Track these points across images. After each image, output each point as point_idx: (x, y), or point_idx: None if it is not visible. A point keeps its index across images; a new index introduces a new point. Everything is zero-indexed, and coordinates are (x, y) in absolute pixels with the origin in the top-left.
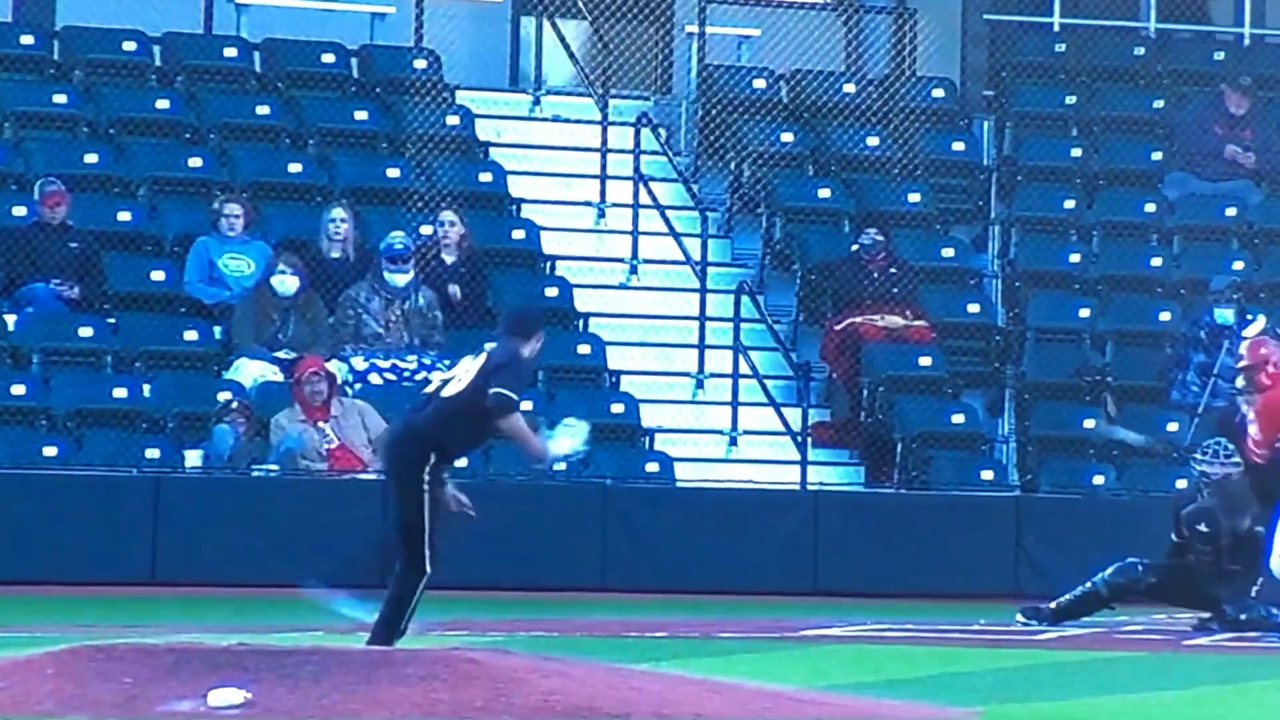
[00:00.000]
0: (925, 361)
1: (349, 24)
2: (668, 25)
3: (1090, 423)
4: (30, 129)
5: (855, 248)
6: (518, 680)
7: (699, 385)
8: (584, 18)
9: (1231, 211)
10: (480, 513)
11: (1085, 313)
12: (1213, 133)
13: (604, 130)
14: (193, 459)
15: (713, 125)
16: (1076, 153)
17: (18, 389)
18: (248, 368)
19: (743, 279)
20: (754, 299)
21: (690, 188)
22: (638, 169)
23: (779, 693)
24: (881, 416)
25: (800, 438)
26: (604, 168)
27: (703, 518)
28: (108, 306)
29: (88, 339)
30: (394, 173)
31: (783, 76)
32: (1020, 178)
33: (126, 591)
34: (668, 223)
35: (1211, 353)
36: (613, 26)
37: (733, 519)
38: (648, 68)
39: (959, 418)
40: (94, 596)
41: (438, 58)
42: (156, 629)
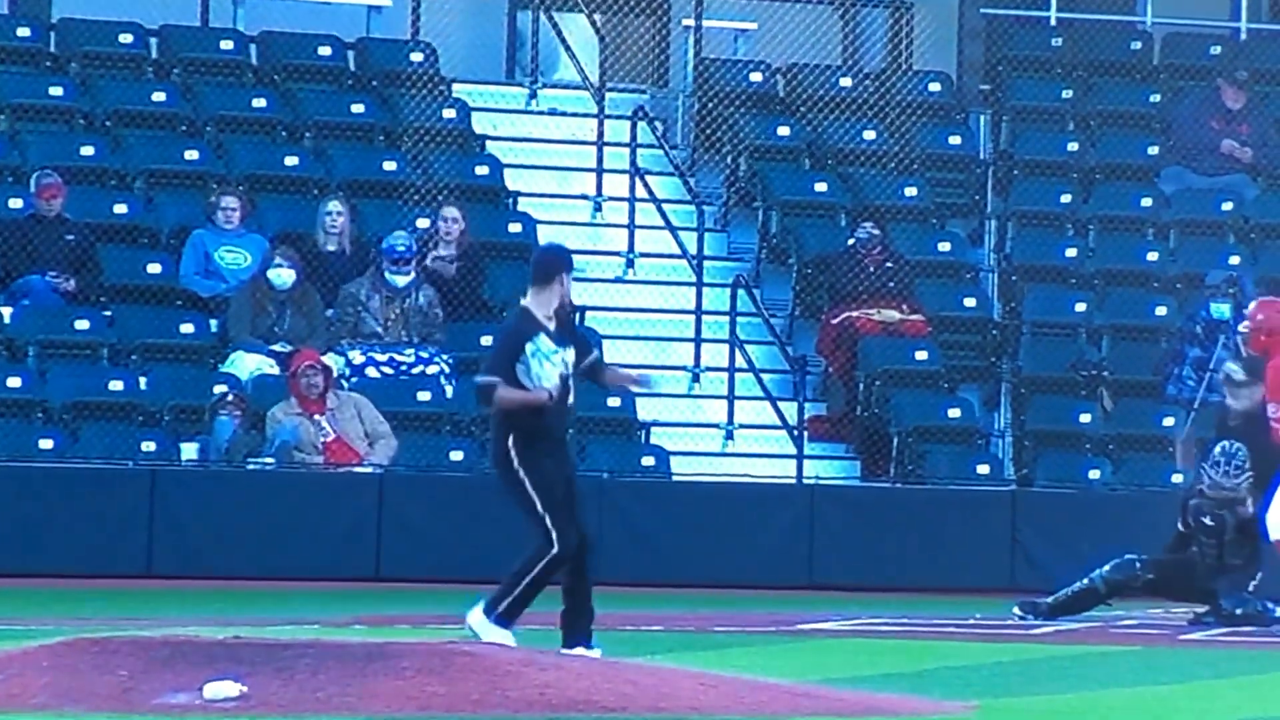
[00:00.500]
0: (921, 356)
1: (345, 17)
2: (664, 19)
3: (1086, 417)
4: (26, 121)
5: (851, 241)
6: (513, 673)
7: (695, 379)
8: (581, 11)
9: (1228, 206)
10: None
11: (1081, 307)
12: (1209, 127)
13: (600, 123)
14: (189, 452)
15: (709, 119)
16: (1073, 147)
17: (13, 381)
18: (244, 360)
19: (739, 273)
20: (750, 293)
21: (687, 181)
22: (634, 162)
23: (775, 686)
24: (877, 410)
25: (796, 432)
26: (600, 161)
27: (699, 512)
28: (104, 299)
29: (84, 331)
30: (390, 166)
31: (779, 70)
32: (1016, 172)
33: (122, 584)
34: (664, 216)
35: (1207, 347)
36: (609, 20)
37: (729, 513)
38: (644, 61)
39: (955, 412)
40: (90, 589)
41: (434, 50)
42: (152, 622)
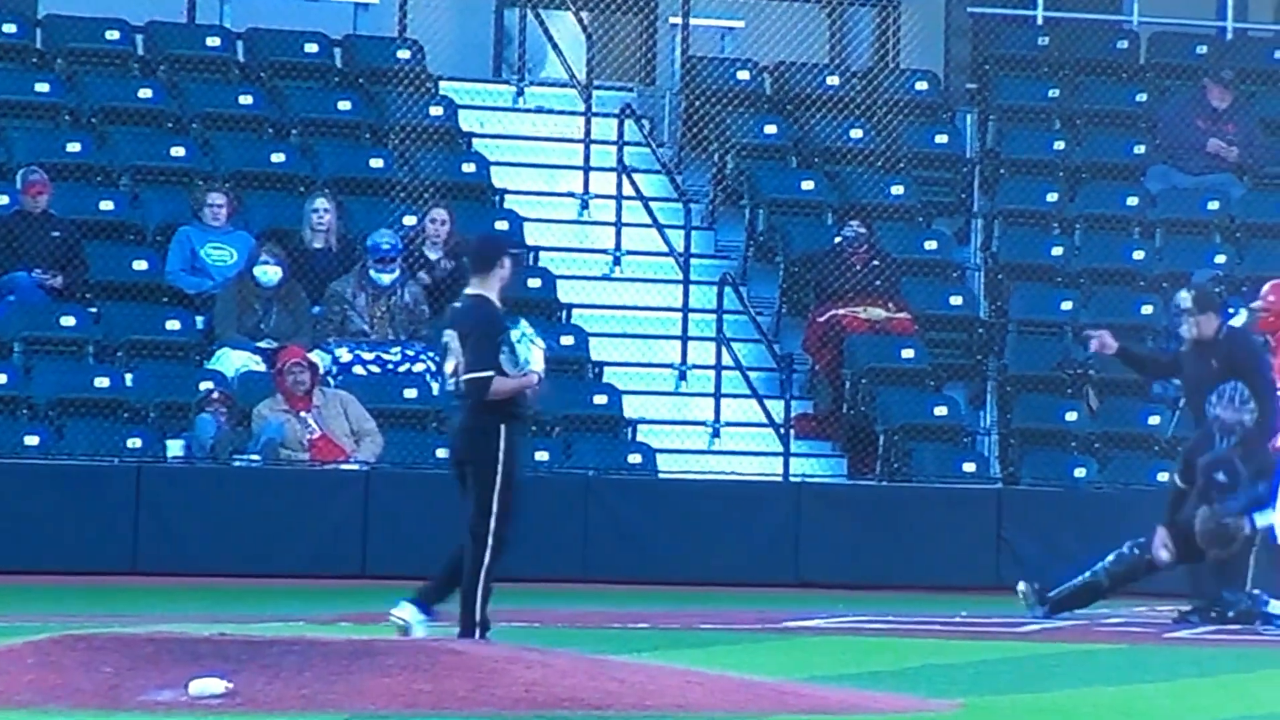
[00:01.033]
0: (908, 354)
1: (332, 14)
2: (651, 16)
3: (1072, 416)
4: (12, 118)
5: (838, 240)
6: (499, 671)
7: (681, 377)
8: (568, 8)
9: (1214, 205)
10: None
11: (1067, 305)
12: (1195, 126)
13: (587, 121)
14: (175, 449)
15: (696, 117)
16: (1059, 146)
17: None
18: (230, 357)
19: (726, 271)
20: (737, 291)
21: (674, 179)
22: (621, 160)
23: (761, 684)
24: (864, 408)
25: (783, 429)
26: (587, 159)
27: (685, 509)
28: (90, 296)
29: (70, 328)
30: (377, 163)
31: (766, 68)
32: (1003, 171)
33: (108, 581)
34: (651, 214)
35: None
36: (596, 17)
37: (715, 510)
38: (631, 59)
39: (941, 410)
40: (75, 586)
41: (421, 48)
42: (137, 619)
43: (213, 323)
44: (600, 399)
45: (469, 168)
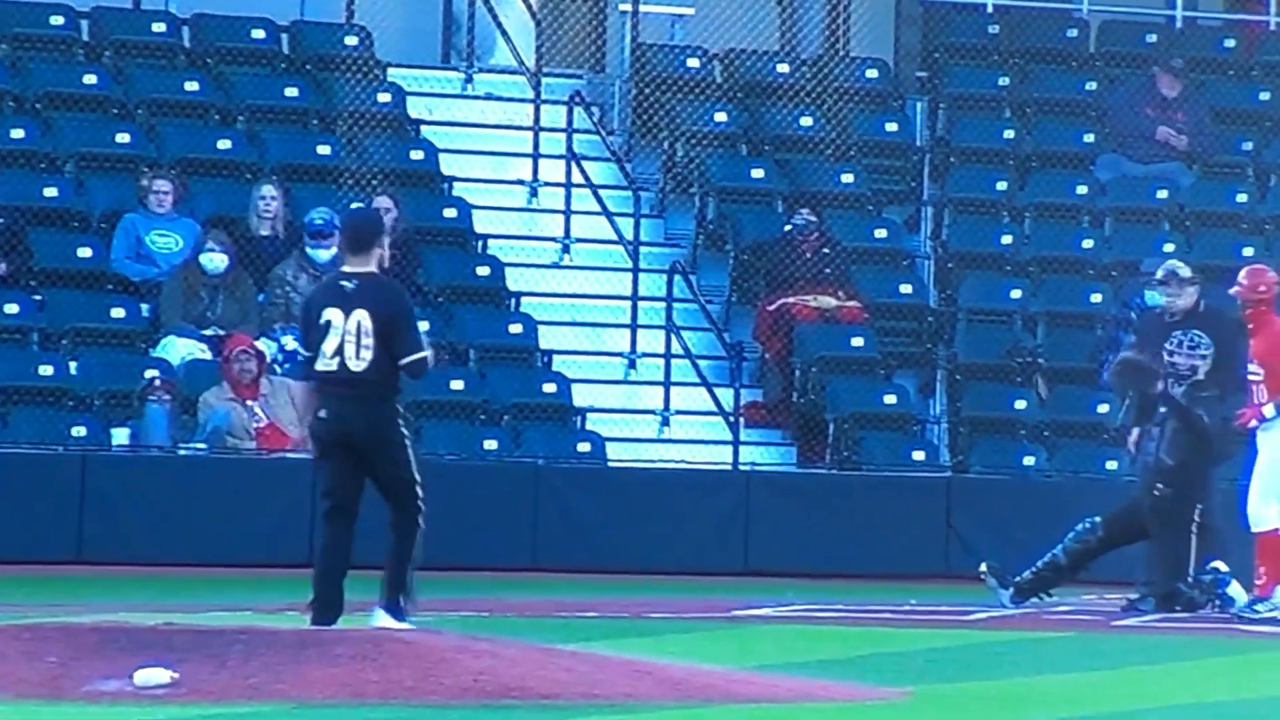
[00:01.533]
0: (857, 342)
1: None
2: (601, 3)
3: (1021, 404)
4: None
5: (788, 228)
6: (448, 660)
7: (631, 365)
8: None
9: (1163, 194)
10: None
11: (1017, 294)
12: (1145, 115)
13: (537, 109)
14: (120, 437)
15: (646, 104)
16: (1009, 134)
17: None
18: (175, 345)
19: (675, 259)
20: (687, 279)
21: (623, 167)
22: (570, 148)
23: (710, 673)
24: (813, 397)
25: (732, 418)
26: (536, 146)
27: (634, 498)
28: (34, 283)
29: (13, 316)
30: (324, 150)
31: (716, 56)
32: (953, 159)
33: (52, 570)
34: (600, 202)
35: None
36: (546, 4)
37: (664, 499)
38: (581, 46)
39: (891, 398)
40: (19, 575)
41: (369, 34)
42: (82, 608)
43: (158, 311)
44: (549, 387)
45: (417, 155)
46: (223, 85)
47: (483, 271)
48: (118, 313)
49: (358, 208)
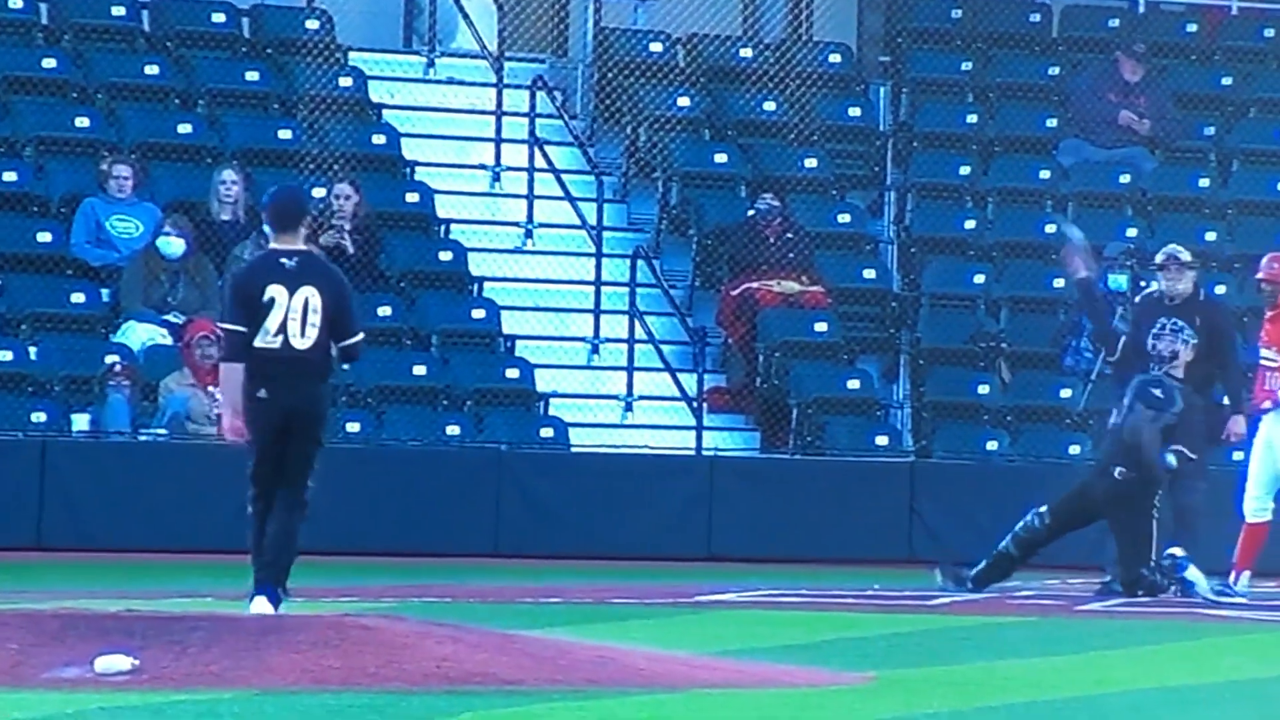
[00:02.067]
0: (821, 327)
1: None
2: None
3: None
4: None
5: (751, 213)
6: (410, 646)
7: (594, 350)
8: None
9: (1125, 178)
10: (373, 478)
11: (980, 279)
12: (1107, 100)
13: (499, 93)
14: (80, 423)
15: (609, 89)
16: (972, 119)
17: None
18: (136, 331)
19: (639, 244)
20: (650, 264)
21: (586, 152)
22: (533, 132)
23: (673, 658)
24: (777, 382)
25: (696, 403)
26: (499, 131)
27: (598, 483)
28: None
29: None
30: (285, 134)
31: (679, 40)
32: (916, 144)
33: (12, 557)
34: (563, 187)
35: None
36: None
37: (628, 484)
38: (543, 30)
39: (854, 383)
40: None
41: (330, 18)
42: (43, 595)
43: (118, 296)
44: (512, 373)
45: (379, 139)
46: (183, 69)
47: (445, 257)
48: (78, 298)
49: (281, 186)
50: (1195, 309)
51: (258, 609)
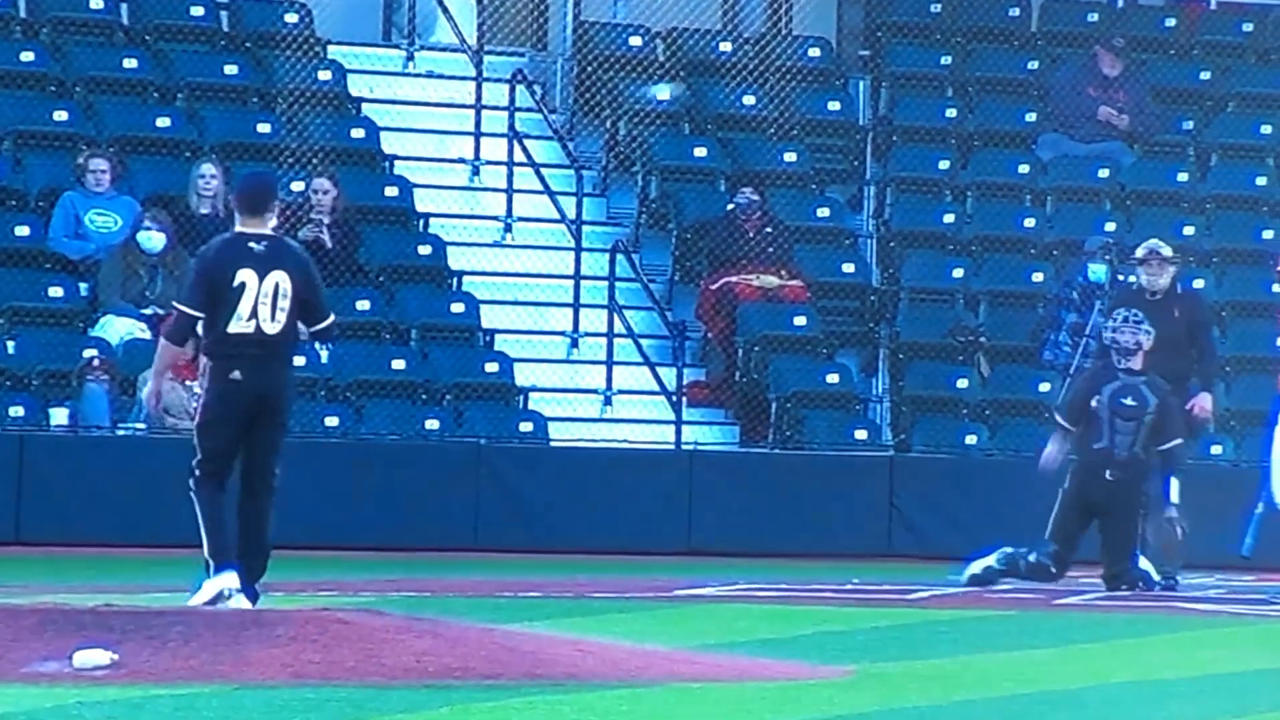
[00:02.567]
0: (800, 321)
1: None
2: None
3: (963, 383)
4: None
5: (731, 207)
6: (389, 641)
7: (574, 344)
8: None
9: (1104, 173)
10: (352, 472)
11: (959, 273)
12: (1086, 94)
13: (478, 87)
14: (59, 417)
15: (588, 82)
16: (951, 113)
17: None
18: (114, 325)
19: (618, 238)
20: (629, 258)
21: (565, 145)
22: (512, 126)
23: (652, 652)
24: (756, 376)
25: (675, 397)
26: (478, 124)
27: (577, 477)
28: None
29: None
30: (265, 128)
31: (659, 34)
32: (895, 138)
33: None
34: (543, 180)
35: (1084, 313)
36: None
37: (607, 479)
38: (523, 24)
39: (833, 377)
40: None
41: (309, 11)
42: (20, 589)
43: (97, 290)
44: (491, 367)
45: (358, 133)
46: (162, 62)
47: (424, 250)
48: (56, 292)
49: (252, 171)
50: (1174, 302)
51: (237, 604)
